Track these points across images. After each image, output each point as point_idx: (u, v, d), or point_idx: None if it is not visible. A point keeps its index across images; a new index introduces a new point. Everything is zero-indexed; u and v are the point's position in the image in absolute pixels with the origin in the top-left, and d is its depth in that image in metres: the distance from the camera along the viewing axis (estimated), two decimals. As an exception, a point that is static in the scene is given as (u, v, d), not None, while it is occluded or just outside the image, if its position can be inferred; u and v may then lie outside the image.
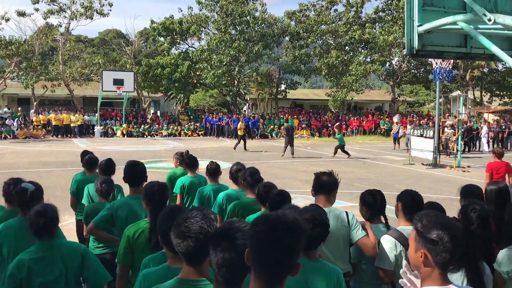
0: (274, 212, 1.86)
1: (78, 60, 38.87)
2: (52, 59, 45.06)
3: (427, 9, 4.35)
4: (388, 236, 3.39)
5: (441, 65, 16.62)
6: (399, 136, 26.11)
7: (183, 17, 38.56)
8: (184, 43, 41.14)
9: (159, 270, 2.54)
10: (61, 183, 12.29)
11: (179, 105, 44.41)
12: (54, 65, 37.85)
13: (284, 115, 38.04)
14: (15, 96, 39.05)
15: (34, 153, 21.02)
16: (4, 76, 34.53)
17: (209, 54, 36.24)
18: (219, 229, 1.98)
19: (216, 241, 1.88)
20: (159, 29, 38.34)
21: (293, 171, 16.09)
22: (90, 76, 37.23)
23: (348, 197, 10.76)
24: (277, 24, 38.18)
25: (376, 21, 40.42)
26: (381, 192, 3.91)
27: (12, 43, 31.85)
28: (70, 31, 37.91)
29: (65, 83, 35.59)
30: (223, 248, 1.83)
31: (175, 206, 2.90)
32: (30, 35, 36.13)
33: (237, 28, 37.18)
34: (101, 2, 35.20)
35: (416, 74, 42.22)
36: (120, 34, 56.86)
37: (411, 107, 53.82)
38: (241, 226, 1.92)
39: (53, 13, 34.23)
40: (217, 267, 1.85)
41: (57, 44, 37.10)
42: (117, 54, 40.18)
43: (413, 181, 14.30)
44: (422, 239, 2.01)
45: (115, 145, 24.99)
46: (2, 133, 28.73)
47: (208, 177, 5.57)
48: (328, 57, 37.70)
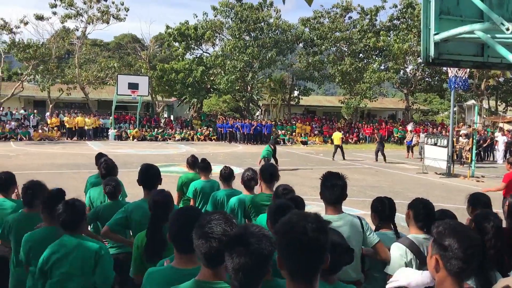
0: (295, 215, 1.88)
1: (94, 64, 39.32)
2: (68, 62, 45.61)
3: (443, 17, 4.33)
4: (399, 243, 3.38)
5: (456, 74, 16.50)
6: (413, 144, 25.93)
7: (198, 23, 38.84)
8: (198, 48, 41.40)
9: (165, 270, 2.60)
10: (72, 185, 12.28)
11: (192, 109, 44.64)
12: (70, 69, 38.36)
13: (296, 121, 38.03)
14: (32, 99, 39.54)
15: (47, 154, 21.25)
16: (22, 79, 35.03)
17: (223, 59, 36.41)
18: (233, 234, 2.00)
19: (231, 246, 1.91)
20: (174, 34, 38.65)
21: (304, 177, 16.05)
22: (105, 80, 37.63)
23: (360, 205, 10.70)
24: (291, 30, 38.26)
25: (390, 29, 40.35)
26: (391, 200, 3.93)
27: (30, 46, 32.32)
28: (87, 35, 38.38)
29: (80, 86, 35.98)
30: (238, 253, 1.87)
31: (188, 207, 2.92)
32: (47, 39, 36.64)
33: (251, 34, 37.34)
34: (117, 7, 35.62)
35: (430, 82, 41.95)
36: (135, 38, 57.29)
37: (424, 116, 53.49)
38: (255, 231, 1.95)
39: (70, 17, 34.69)
40: (234, 272, 1.87)
41: (74, 47, 37.59)
42: (132, 59, 40.56)
43: (425, 189, 14.18)
44: (435, 245, 2.06)
45: (129, 149, 25.17)
46: (18, 134, 29.12)
47: (222, 181, 5.60)
48: (342, 64, 37.67)
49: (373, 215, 3.94)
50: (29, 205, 4.17)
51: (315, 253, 1.78)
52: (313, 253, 1.78)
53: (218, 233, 2.15)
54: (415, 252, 3.23)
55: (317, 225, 1.79)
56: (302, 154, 25.68)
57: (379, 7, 39.64)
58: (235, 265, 1.86)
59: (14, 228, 4.12)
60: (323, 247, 1.80)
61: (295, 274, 1.81)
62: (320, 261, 1.80)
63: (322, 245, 1.79)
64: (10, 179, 4.76)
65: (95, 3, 34.93)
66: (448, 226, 2.07)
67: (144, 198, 4.19)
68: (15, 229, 4.10)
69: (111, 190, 4.75)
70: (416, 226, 3.45)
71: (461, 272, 2.00)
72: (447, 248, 1.99)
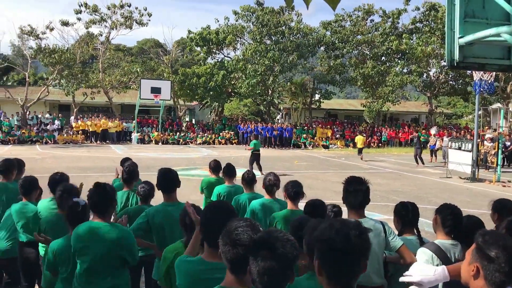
0: (336, 222, 1.91)
1: (117, 68, 39.92)
2: (92, 67, 46.41)
3: (468, 20, 4.28)
4: (425, 248, 3.33)
5: (482, 77, 16.22)
6: (436, 148, 25.54)
7: (219, 28, 39.07)
8: (219, 52, 41.64)
9: (195, 261, 2.63)
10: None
11: (213, 113, 44.90)
12: (94, 73, 38.99)
13: (317, 125, 37.88)
14: (56, 103, 40.30)
15: (73, 158, 21.63)
16: (47, 83, 35.78)
17: (244, 63, 36.53)
18: (258, 238, 2.01)
19: (256, 250, 1.92)
20: (196, 39, 38.96)
21: (326, 181, 15.98)
22: (128, 84, 38.18)
23: (383, 210, 10.59)
24: (312, 34, 38.17)
25: (413, 32, 39.91)
26: (414, 204, 3.90)
27: (55, 52, 33.01)
28: (110, 40, 39.00)
29: (104, 90, 36.56)
30: (263, 257, 1.88)
31: (221, 202, 2.92)
32: (72, 44, 37.36)
33: (272, 38, 37.39)
34: (140, 12, 36.14)
35: (454, 85, 41.29)
36: (157, 43, 57.97)
37: (448, 119, 52.66)
38: (280, 235, 1.96)
39: (95, 22, 35.35)
40: (258, 276, 1.89)
41: (98, 52, 38.24)
42: (154, 63, 41.02)
43: (449, 194, 13.95)
44: (479, 253, 2.01)
45: (151, 152, 25.44)
46: (43, 138, 29.75)
47: (244, 185, 5.62)
48: (364, 67, 37.40)
49: (396, 219, 3.91)
50: (63, 208, 4.28)
51: (357, 259, 1.81)
52: (354, 260, 1.81)
53: (245, 240, 2.15)
54: (442, 258, 3.19)
55: (359, 232, 1.82)
56: (323, 158, 25.56)
57: (401, 10, 39.25)
58: (260, 268, 1.88)
59: (49, 230, 4.25)
60: (365, 254, 1.82)
61: (335, 280, 1.82)
62: (360, 267, 1.82)
63: (364, 251, 1.82)
64: (33, 184, 4.90)
65: (119, 8, 35.54)
66: (495, 237, 2.02)
67: (164, 201, 4.22)
68: (50, 230, 4.24)
69: (145, 193, 4.80)
70: (443, 231, 3.40)
71: (501, 285, 1.97)
72: (493, 260, 1.95)
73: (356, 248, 1.79)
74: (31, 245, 4.76)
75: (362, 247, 1.81)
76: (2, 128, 30.50)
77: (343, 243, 1.78)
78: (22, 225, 4.77)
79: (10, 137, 29.16)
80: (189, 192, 12.12)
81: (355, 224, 1.86)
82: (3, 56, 52.42)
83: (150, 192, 4.84)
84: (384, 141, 36.05)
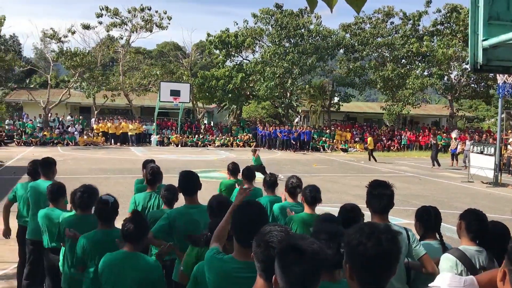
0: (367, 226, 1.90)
1: (137, 71, 40.33)
2: (112, 70, 46.99)
3: (493, 23, 4.20)
4: (449, 254, 3.28)
5: (506, 80, 15.95)
6: (457, 152, 25.16)
7: (238, 30, 39.19)
8: (238, 55, 41.75)
9: (225, 260, 2.65)
10: (119, 190, 12.48)
11: (231, 116, 45.01)
12: (114, 76, 39.50)
13: (336, 128, 37.68)
14: (77, 105, 40.92)
15: (93, 160, 21.91)
16: (69, 86, 36.35)
17: (263, 66, 36.55)
18: (287, 242, 1.95)
19: (286, 254, 1.88)
20: (215, 42, 39.13)
21: (345, 185, 15.87)
22: (148, 87, 38.53)
23: (403, 214, 10.49)
24: (331, 36, 38.00)
25: (434, 34, 39.47)
26: (437, 209, 3.85)
27: (76, 55, 33.51)
28: (130, 43, 39.44)
29: (124, 93, 36.98)
30: (292, 261, 1.85)
31: (252, 202, 2.90)
32: (93, 47, 37.91)
33: (291, 40, 37.34)
34: (160, 16, 36.47)
35: (476, 88, 40.68)
36: (177, 46, 58.43)
37: (469, 123, 51.86)
38: (306, 238, 1.95)
39: (116, 26, 35.81)
40: (287, 280, 1.86)
41: (118, 55, 38.73)
42: (174, 66, 41.34)
43: (472, 199, 13.74)
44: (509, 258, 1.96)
45: (170, 154, 25.62)
46: (65, 139, 30.21)
47: (266, 188, 5.61)
48: (384, 70, 37.09)
49: (417, 224, 3.86)
50: (83, 208, 4.37)
51: (388, 263, 1.80)
52: (386, 264, 1.80)
53: (277, 242, 2.15)
54: (467, 264, 3.14)
55: (391, 236, 1.81)
56: (342, 161, 25.40)
57: (422, 12, 38.89)
58: (291, 272, 1.85)
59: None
60: (397, 258, 1.82)
61: (367, 285, 1.82)
62: (392, 271, 1.82)
63: (395, 255, 1.81)
64: (60, 191, 4.98)
65: (139, 12, 35.94)
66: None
67: (185, 204, 4.24)
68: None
69: (169, 197, 4.82)
70: (468, 237, 3.35)
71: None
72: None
73: (388, 252, 1.78)
74: (55, 252, 4.83)
75: (394, 251, 1.80)
76: (26, 130, 31.09)
77: (376, 248, 1.77)
78: (48, 231, 4.85)
79: (33, 138, 29.69)
80: (208, 194, 12.11)
81: (386, 228, 1.85)
82: (26, 59, 53.46)
83: (174, 197, 4.86)
84: (404, 145, 35.63)
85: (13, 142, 29.43)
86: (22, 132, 30.92)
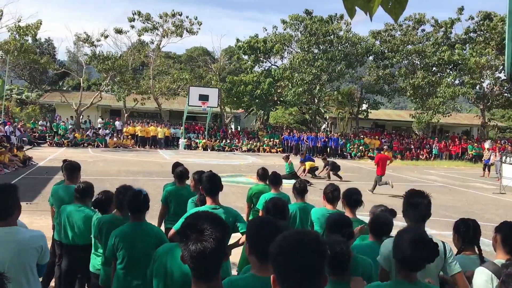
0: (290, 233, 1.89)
1: (167, 76, 40.85)
2: (142, 73, 47.71)
3: (531, 31, 4.12)
4: (484, 268, 3.19)
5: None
6: (490, 163, 24.57)
7: (267, 36, 39.32)
8: (267, 61, 41.86)
9: (247, 278, 2.55)
10: (147, 192, 12.75)
11: (258, 121, 45.09)
12: (144, 80, 40.09)
13: (364, 136, 37.32)
14: (108, 108, 41.69)
15: (122, 162, 22.27)
16: (100, 89, 37.09)
17: (291, 72, 36.54)
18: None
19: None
20: (244, 47, 39.34)
21: (373, 194, 15.68)
22: (177, 91, 38.98)
23: (432, 225, 10.30)
24: (361, 43, 37.74)
25: (466, 42, 38.76)
26: (476, 221, 3.77)
27: (108, 58, 34.18)
28: (161, 48, 40.00)
29: (154, 96, 37.49)
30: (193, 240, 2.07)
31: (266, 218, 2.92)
32: (124, 51, 38.58)
33: (320, 47, 37.24)
34: (191, 21, 36.88)
35: (509, 98, 39.69)
36: (206, 51, 58.97)
37: (502, 133, 50.60)
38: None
39: (147, 30, 36.36)
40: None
41: (148, 59, 39.31)
42: (203, 71, 41.71)
43: (504, 211, 13.40)
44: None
45: (198, 158, 25.83)
46: (95, 141, 30.83)
47: (295, 195, 5.62)
48: (414, 78, 36.59)
49: (455, 237, 3.76)
50: (121, 208, 4.46)
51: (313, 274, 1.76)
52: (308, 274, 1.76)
53: None
54: (503, 278, 3.06)
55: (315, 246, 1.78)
56: (370, 169, 25.09)
57: (454, 20, 38.27)
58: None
59: (105, 229, 4.42)
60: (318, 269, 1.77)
61: None
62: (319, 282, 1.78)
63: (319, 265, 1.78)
64: (88, 190, 5.09)
65: (170, 17, 36.42)
66: None
67: (208, 205, 4.26)
68: (106, 230, 4.39)
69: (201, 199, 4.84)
70: (504, 250, 3.27)
71: None
72: None
73: (311, 263, 1.73)
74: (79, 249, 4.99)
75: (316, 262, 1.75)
76: (58, 131, 31.86)
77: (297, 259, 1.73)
78: (77, 227, 4.98)
79: (64, 139, 30.39)
80: (235, 199, 12.21)
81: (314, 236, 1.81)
82: (60, 62, 54.87)
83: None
84: (435, 154, 34.97)
85: (46, 143, 30.19)
86: (54, 133, 31.71)
